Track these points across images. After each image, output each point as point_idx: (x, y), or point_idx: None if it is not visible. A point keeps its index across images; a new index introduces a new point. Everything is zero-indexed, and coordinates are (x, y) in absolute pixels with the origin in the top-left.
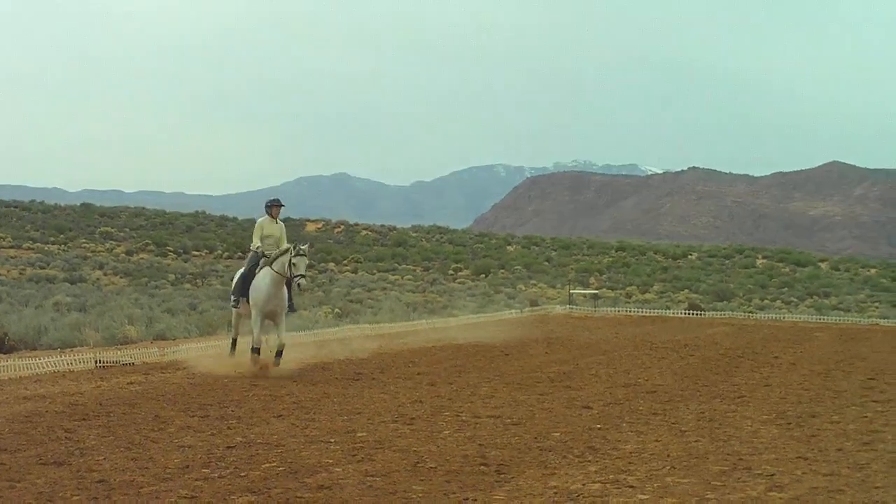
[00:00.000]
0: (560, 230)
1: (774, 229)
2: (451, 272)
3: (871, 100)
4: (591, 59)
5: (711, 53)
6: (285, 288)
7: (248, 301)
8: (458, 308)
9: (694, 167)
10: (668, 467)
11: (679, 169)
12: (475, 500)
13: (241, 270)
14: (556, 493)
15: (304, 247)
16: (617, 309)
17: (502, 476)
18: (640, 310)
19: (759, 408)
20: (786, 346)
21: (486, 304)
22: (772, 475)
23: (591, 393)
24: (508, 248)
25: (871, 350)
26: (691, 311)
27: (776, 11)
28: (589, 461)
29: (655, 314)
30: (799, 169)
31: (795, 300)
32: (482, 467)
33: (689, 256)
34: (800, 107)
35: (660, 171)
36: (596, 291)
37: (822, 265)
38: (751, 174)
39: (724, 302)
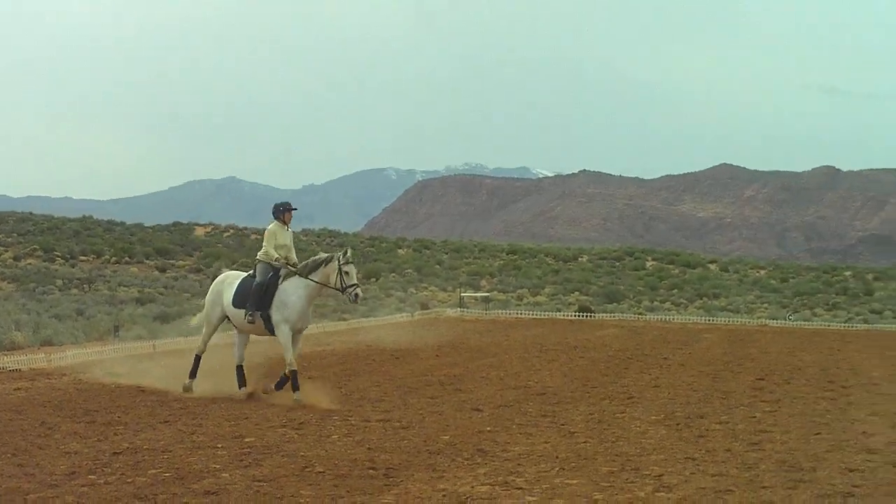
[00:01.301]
0: (451, 233)
1: (664, 231)
2: None
3: (760, 102)
4: (482, 62)
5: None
6: None
7: (259, 317)
8: (348, 312)
9: (584, 170)
10: (556, 468)
11: (570, 172)
12: None
13: (257, 280)
14: (444, 495)
15: (350, 253)
16: (508, 312)
17: (391, 480)
18: (531, 312)
19: (647, 409)
20: (675, 347)
21: (376, 308)
22: (660, 476)
23: (481, 396)
24: (399, 251)
25: (759, 351)
26: (582, 314)
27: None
28: (478, 464)
29: (546, 317)
30: (689, 171)
31: (685, 302)
32: (371, 471)
33: (580, 259)
34: (690, 110)
35: (551, 175)
36: (487, 294)
37: (712, 267)
38: (641, 177)
39: (615, 304)
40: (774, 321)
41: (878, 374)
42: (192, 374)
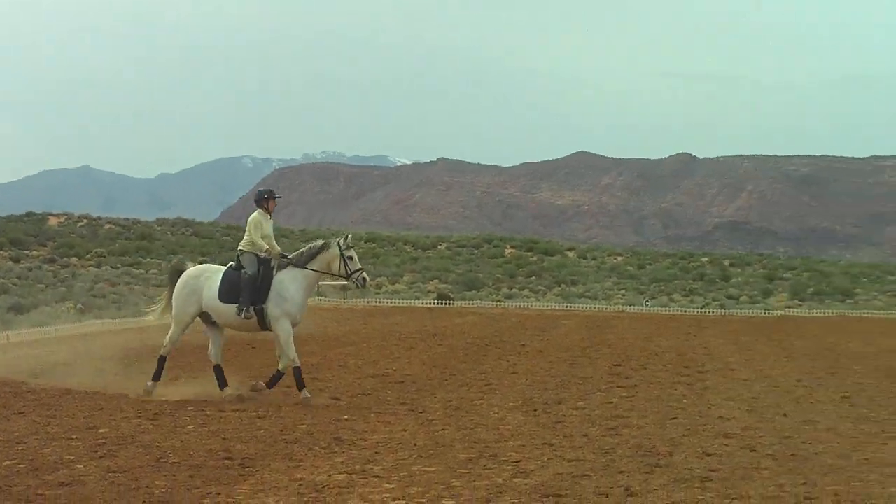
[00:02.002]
0: (309, 222)
1: (523, 219)
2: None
3: (617, 90)
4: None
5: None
6: None
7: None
8: None
9: (443, 158)
10: (414, 456)
11: (428, 160)
12: (219, 494)
13: (248, 272)
14: (301, 484)
15: (350, 237)
16: (366, 300)
17: (247, 469)
18: (390, 300)
19: (505, 395)
20: (533, 334)
21: None
22: (517, 462)
23: (340, 384)
24: None
25: (616, 337)
26: (440, 301)
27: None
28: (335, 452)
29: (405, 304)
30: (547, 159)
31: (543, 289)
32: (226, 461)
33: (439, 247)
34: (548, 98)
35: (409, 162)
36: (345, 283)
37: (570, 254)
38: (499, 164)
39: (474, 291)
40: (632, 307)
41: (734, 360)
42: (156, 377)
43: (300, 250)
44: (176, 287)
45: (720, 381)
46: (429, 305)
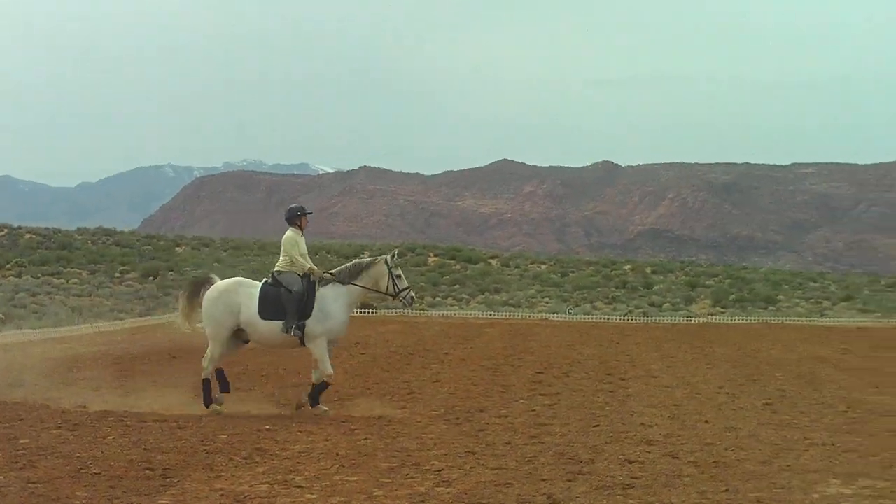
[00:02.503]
0: (231, 231)
1: (446, 227)
2: (117, 275)
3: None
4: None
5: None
6: None
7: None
8: (125, 311)
9: (365, 166)
10: (336, 466)
11: (350, 168)
12: None
13: (294, 289)
14: (222, 495)
15: (397, 253)
16: None
17: (168, 480)
18: None
19: (428, 404)
20: (456, 342)
21: (154, 307)
22: (440, 470)
23: (261, 394)
24: (177, 249)
25: (539, 345)
26: (363, 310)
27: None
28: (257, 462)
29: None
30: (469, 167)
31: (467, 297)
32: (147, 472)
33: (362, 255)
34: (470, 106)
35: (331, 171)
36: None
37: (493, 262)
38: (422, 173)
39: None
40: (555, 315)
41: (657, 367)
42: (207, 403)
43: (344, 266)
44: (208, 300)
45: (642, 388)
46: (351, 315)
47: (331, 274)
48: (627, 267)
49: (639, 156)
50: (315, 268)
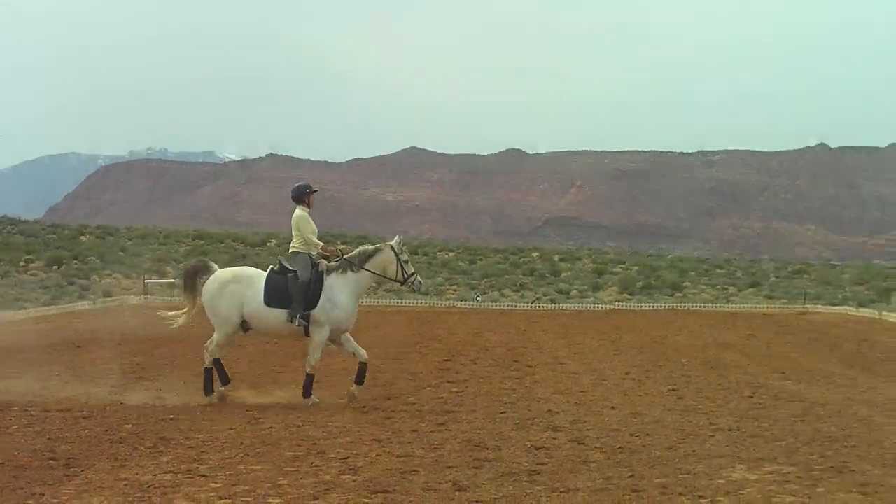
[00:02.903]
0: (137, 219)
1: (353, 215)
2: (22, 264)
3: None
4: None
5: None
6: None
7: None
8: (30, 301)
9: (272, 154)
10: (241, 455)
11: (257, 156)
12: (43, 494)
13: (300, 277)
14: (126, 485)
15: (401, 239)
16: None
17: (71, 470)
18: None
19: (334, 392)
20: (363, 330)
21: (59, 297)
22: (345, 458)
23: (166, 384)
24: (82, 238)
25: (447, 332)
26: None
27: None
28: (161, 452)
29: None
30: (377, 155)
31: (374, 285)
32: (51, 462)
33: (269, 244)
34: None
35: (237, 159)
36: (173, 281)
37: None
38: (329, 160)
39: None
40: (463, 303)
41: (564, 353)
42: (208, 390)
43: (350, 254)
44: (210, 291)
45: (549, 375)
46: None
47: (345, 259)
48: (535, 254)
49: (547, 143)
50: (327, 246)
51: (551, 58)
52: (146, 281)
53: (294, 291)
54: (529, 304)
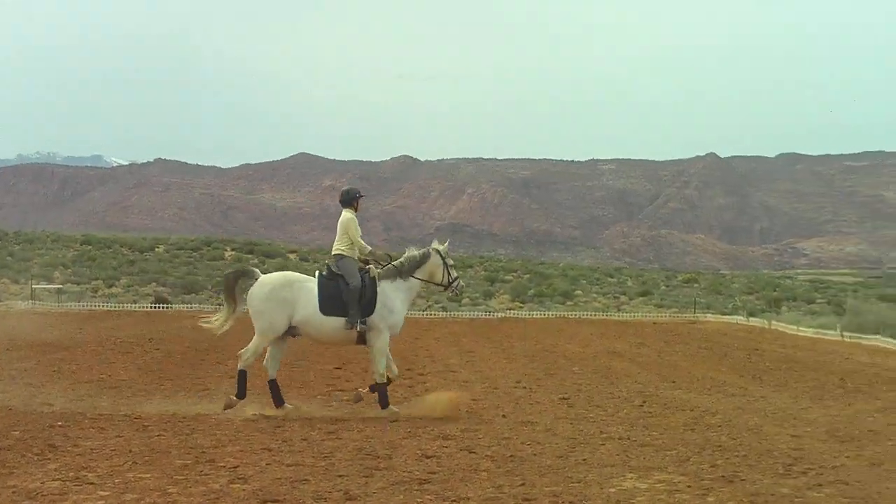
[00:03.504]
0: (24, 224)
1: (243, 221)
2: None
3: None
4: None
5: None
6: None
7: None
8: None
9: (161, 158)
10: (130, 463)
11: (145, 160)
12: None
13: (352, 282)
14: (14, 492)
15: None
16: (82, 304)
17: None
18: (106, 304)
19: (222, 400)
20: (249, 340)
21: None
22: (235, 467)
23: (53, 391)
24: None
25: None
26: (158, 305)
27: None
28: (49, 459)
29: (121, 308)
30: (267, 160)
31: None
32: None
33: (157, 249)
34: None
35: (126, 163)
36: (60, 286)
37: (292, 256)
38: (219, 165)
39: (193, 294)
40: None
41: (455, 361)
42: (241, 395)
43: (399, 261)
44: (258, 296)
45: (441, 383)
46: (146, 309)
47: (393, 265)
48: None
49: (438, 151)
50: (375, 251)
51: (445, 64)
52: (34, 286)
53: (349, 298)
54: (422, 312)
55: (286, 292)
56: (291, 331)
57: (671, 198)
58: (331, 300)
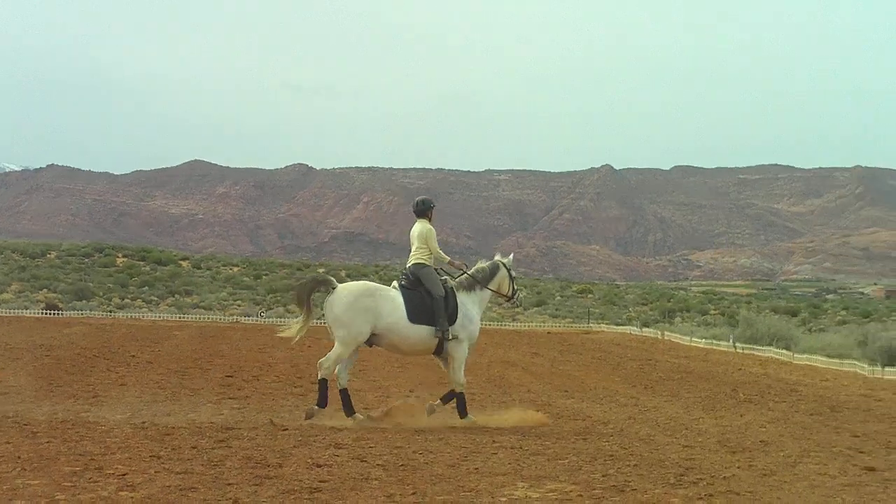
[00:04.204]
0: None
1: (136, 227)
2: None
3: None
4: None
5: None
6: None
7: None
8: None
9: (53, 164)
10: (17, 469)
11: (38, 166)
12: None
13: (437, 292)
14: None
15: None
16: None
17: None
18: None
19: (113, 407)
20: (144, 345)
21: None
22: (124, 475)
23: None
24: None
25: (230, 348)
26: (49, 311)
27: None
28: None
29: (11, 314)
30: (161, 167)
31: (156, 299)
32: None
33: (48, 255)
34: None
35: (18, 169)
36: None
37: (184, 263)
38: (112, 172)
39: (84, 301)
40: (247, 318)
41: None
42: (322, 403)
43: (473, 271)
44: (341, 305)
45: (332, 392)
46: (37, 315)
47: (469, 275)
48: (321, 270)
49: (333, 159)
50: (453, 260)
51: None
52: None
53: (437, 307)
54: (316, 321)
55: (369, 301)
56: (370, 339)
57: (566, 209)
58: (418, 309)
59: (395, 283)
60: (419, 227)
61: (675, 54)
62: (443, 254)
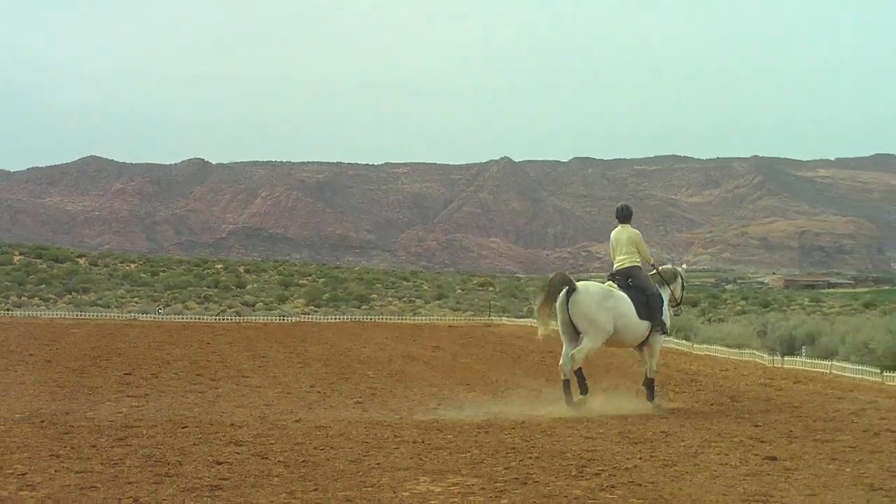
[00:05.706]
0: None
1: (32, 225)
2: None
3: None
4: None
5: None
6: None
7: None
8: None
9: None
10: None
11: None
12: None
13: (653, 291)
14: None
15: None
16: None
17: None
18: None
19: (11, 406)
20: (41, 343)
21: None
22: (24, 474)
23: None
24: None
25: (128, 345)
26: None
27: None
28: None
29: None
30: (56, 163)
31: (54, 297)
32: None
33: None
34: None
35: None
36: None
37: (81, 261)
38: (7, 168)
39: None
40: (145, 315)
41: (248, 366)
42: (584, 390)
43: (668, 271)
44: (591, 303)
45: (233, 388)
46: None
47: (661, 276)
48: (220, 266)
49: (230, 154)
50: (655, 263)
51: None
52: None
53: (655, 305)
54: (214, 317)
55: (610, 301)
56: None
57: (466, 202)
58: (642, 307)
59: (609, 283)
60: (626, 231)
61: (572, 46)
62: (650, 256)
